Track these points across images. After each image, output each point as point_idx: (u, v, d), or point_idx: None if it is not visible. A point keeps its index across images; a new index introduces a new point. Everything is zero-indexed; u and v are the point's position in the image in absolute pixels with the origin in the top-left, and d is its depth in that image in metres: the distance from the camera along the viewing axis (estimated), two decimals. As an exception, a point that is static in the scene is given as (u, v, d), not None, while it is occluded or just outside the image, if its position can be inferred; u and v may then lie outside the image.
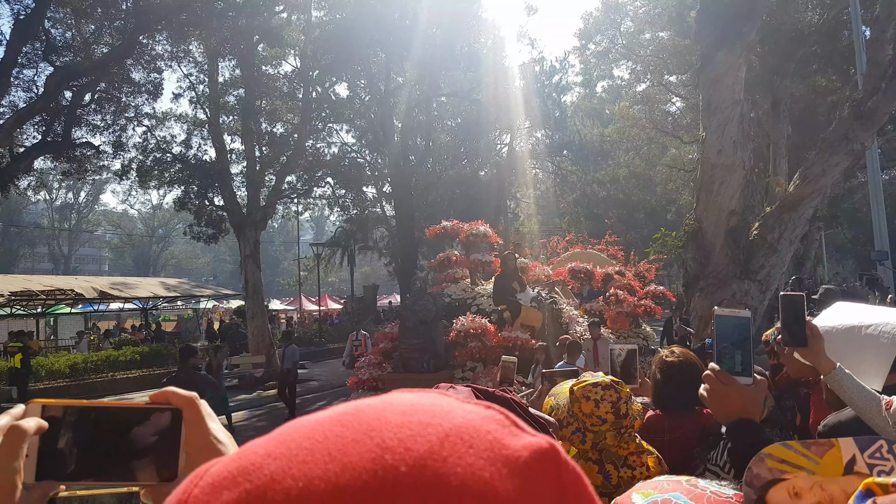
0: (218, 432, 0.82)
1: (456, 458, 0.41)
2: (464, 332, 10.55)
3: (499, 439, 0.44)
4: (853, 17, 17.99)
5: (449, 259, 13.61)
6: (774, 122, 23.37)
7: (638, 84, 36.88)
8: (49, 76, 18.60)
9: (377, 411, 0.46)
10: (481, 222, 13.92)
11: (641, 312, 14.64)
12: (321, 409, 0.50)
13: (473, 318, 10.79)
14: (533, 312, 11.62)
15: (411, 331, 11.01)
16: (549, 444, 0.45)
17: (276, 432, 0.47)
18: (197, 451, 0.80)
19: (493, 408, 0.48)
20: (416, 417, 0.44)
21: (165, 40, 22.76)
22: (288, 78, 29.13)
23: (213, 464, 0.46)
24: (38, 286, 24.96)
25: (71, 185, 64.80)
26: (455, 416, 0.45)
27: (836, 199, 24.91)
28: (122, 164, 24.84)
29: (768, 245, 10.62)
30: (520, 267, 13.11)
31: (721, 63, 11.05)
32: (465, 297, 12.44)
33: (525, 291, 11.96)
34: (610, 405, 2.66)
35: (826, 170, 10.29)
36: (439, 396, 0.49)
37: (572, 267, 15.22)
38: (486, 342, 10.62)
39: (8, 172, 18.33)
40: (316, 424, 0.45)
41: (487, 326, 10.72)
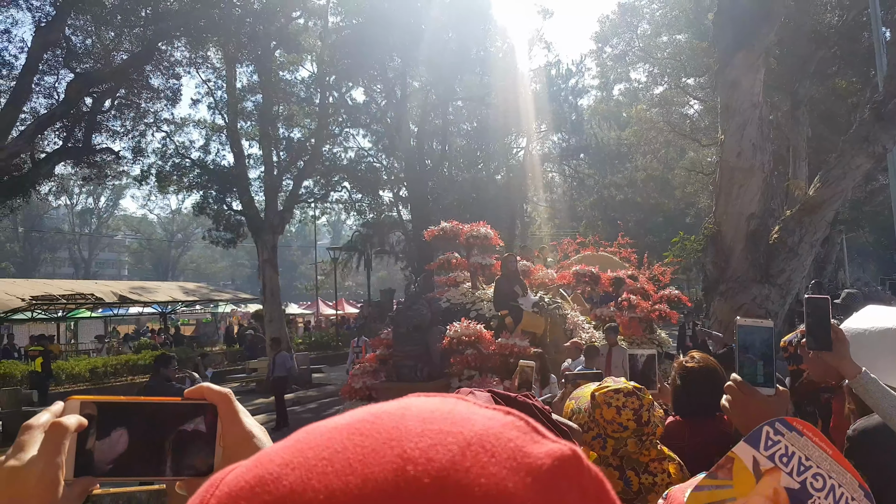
0: (253, 427, 0.83)
1: (479, 468, 0.40)
2: (457, 339, 10.07)
3: (521, 447, 0.43)
4: (873, 18, 17.80)
5: (449, 262, 13.17)
6: (794, 124, 23.19)
7: (655, 87, 36.72)
8: (70, 83, 18.81)
9: (395, 418, 0.45)
10: (483, 223, 13.46)
11: (656, 317, 14.22)
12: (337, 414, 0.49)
13: (468, 324, 10.28)
14: (535, 318, 11.20)
15: (405, 337, 10.54)
16: (572, 450, 0.44)
17: (292, 439, 0.46)
18: (233, 444, 0.80)
19: (513, 413, 0.47)
20: (436, 425, 0.44)
21: (184, 47, 22.92)
22: (305, 83, 29.27)
23: (229, 471, 0.45)
24: (59, 290, 25.18)
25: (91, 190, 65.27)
26: (475, 423, 0.44)
27: (858, 202, 24.68)
28: (141, 170, 25.04)
29: (789, 249, 10.53)
30: (522, 270, 12.77)
31: (739, 65, 10.99)
32: (465, 302, 11.97)
33: (527, 296, 11.59)
34: (632, 412, 2.64)
35: (847, 173, 10.20)
36: (458, 402, 0.48)
37: (577, 270, 14.57)
38: (481, 349, 10.13)
39: (29, 178, 18.52)
40: (333, 432, 0.44)
41: (482, 333, 10.21)
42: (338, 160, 31.08)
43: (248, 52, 24.29)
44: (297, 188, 27.29)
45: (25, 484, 0.71)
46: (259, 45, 24.04)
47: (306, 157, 27.14)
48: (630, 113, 40.99)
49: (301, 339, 29.58)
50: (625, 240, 19.80)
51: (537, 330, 11.06)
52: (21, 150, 17.85)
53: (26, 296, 22.90)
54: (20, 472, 0.72)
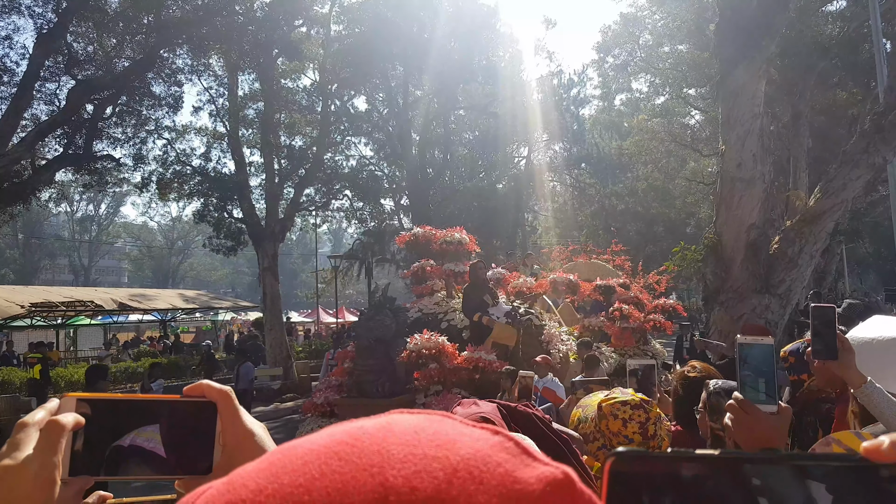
0: (253, 425, 0.81)
1: (466, 497, 0.38)
2: (416, 353, 9.36)
3: (510, 472, 0.40)
4: (874, 29, 17.83)
5: (423, 269, 12.21)
6: (794, 135, 23.21)
7: (657, 97, 36.80)
8: (71, 89, 18.83)
9: (377, 441, 0.42)
10: (459, 228, 12.78)
11: (650, 328, 13.69)
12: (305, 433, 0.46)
13: (429, 336, 9.53)
14: (506, 329, 10.43)
15: (367, 350, 9.83)
16: (564, 473, 0.42)
17: (266, 461, 0.43)
18: (234, 443, 0.79)
19: (501, 433, 0.45)
20: (420, 449, 0.41)
21: (186, 54, 22.98)
22: (307, 91, 29.35)
23: (203, 490, 0.43)
24: (59, 297, 25.16)
25: (91, 197, 65.43)
26: (462, 445, 0.42)
27: (858, 213, 24.66)
28: (142, 177, 25.05)
29: (789, 259, 10.52)
30: (496, 278, 12.30)
31: (740, 76, 11.00)
32: (437, 312, 11.27)
33: (498, 305, 10.81)
34: (638, 426, 2.63)
35: (847, 183, 10.19)
36: (442, 420, 0.46)
37: (554, 278, 13.55)
38: (444, 364, 9.37)
39: (30, 184, 18.52)
40: (310, 455, 0.42)
41: (444, 346, 9.43)
42: (339, 168, 31.12)
43: (251, 59, 24.35)
44: (299, 196, 27.31)
45: (21, 483, 0.70)
46: (261, 53, 24.10)
47: (308, 164, 27.17)
48: (631, 123, 41.09)
49: (301, 348, 29.51)
50: (618, 247, 19.34)
51: (509, 342, 10.41)
52: (21, 156, 17.86)
53: (26, 303, 22.87)
54: (15, 470, 0.70)
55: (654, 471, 0.39)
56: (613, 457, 0.39)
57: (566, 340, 11.51)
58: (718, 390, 2.61)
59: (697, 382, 3.32)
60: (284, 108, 27.46)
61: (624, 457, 0.39)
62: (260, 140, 26.48)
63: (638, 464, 0.39)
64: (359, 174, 31.47)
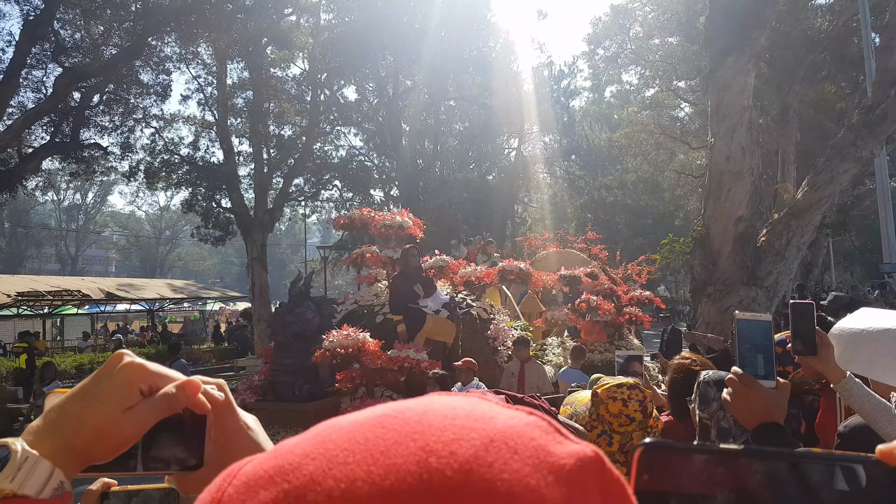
0: (246, 417, 0.81)
1: (501, 463, 0.40)
2: (331, 352, 8.23)
3: (543, 446, 0.43)
4: (863, 23, 17.91)
5: (363, 256, 10.94)
6: (783, 128, 23.30)
7: (646, 89, 36.89)
8: (58, 77, 18.67)
9: (418, 413, 0.44)
10: (406, 212, 11.63)
11: (625, 321, 12.94)
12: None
13: (348, 332, 8.34)
14: (442, 324, 9.42)
15: (284, 348, 8.84)
16: (594, 451, 0.44)
17: (311, 432, 0.45)
18: (227, 436, 0.78)
19: (536, 414, 0.47)
20: (459, 421, 0.43)
21: (174, 42, 22.81)
22: (296, 81, 29.23)
23: (246, 462, 0.45)
24: (45, 287, 25.01)
25: (79, 186, 65.00)
26: (498, 420, 0.44)
27: (845, 206, 24.81)
28: (129, 166, 24.93)
29: (776, 252, 10.58)
30: (438, 266, 11.31)
31: (730, 69, 11.02)
32: (375, 304, 10.26)
33: (433, 296, 9.84)
34: (638, 404, 2.69)
35: (834, 177, 10.24)
36: (479, 401, 0.48)
37: (502, 266, 11.88)
38: (366, 364, 8.35)
39: (16, 173, 18.39)
40: (355, 425, 0.44)
41: (365, 343, 8.31)
42: (329, 158, 31.04)
43: (239, 48, 24.21)
44: (288, 186, 27.24)
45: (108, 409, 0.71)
46: (250, 42, 23.97)
47: (297, 154, 27.09)
48: (621, 115, 41.14)
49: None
50: (593, 235, 18.48)
51: (446, 338, 9.45)
52: (8, 144, 17.73)
53: (12, 292, 22.72)
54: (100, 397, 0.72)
55: (682, 461, 0.39)
56: (643, 447, 0.40)
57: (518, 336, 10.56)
58: (708, 380, 2.64)
59: (693, 374, 3.34)
60: (273, 98, 27.33)
61: (653, 447, 0.40)
62: (249, 129, 26.39)
63: (666, 454, 0.40)
64: (348, 165, 31.42)
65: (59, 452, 0.68)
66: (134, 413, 0.71)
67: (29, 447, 0.66)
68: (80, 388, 0.72)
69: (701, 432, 2.72)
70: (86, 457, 0.70)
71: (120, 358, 0.74)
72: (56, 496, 0.66)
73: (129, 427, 0.71)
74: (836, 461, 0.38)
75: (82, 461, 0.70)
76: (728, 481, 0.38)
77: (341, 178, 30.51)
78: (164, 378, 0.75)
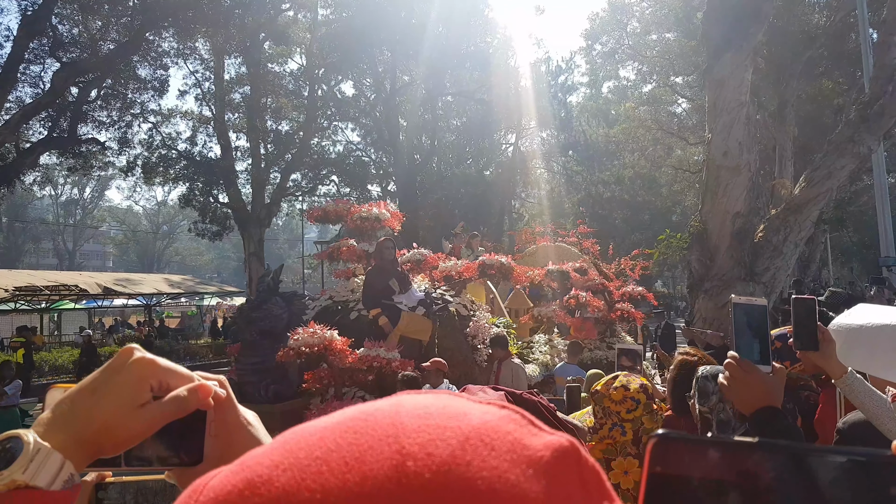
0: (247, 413, 0.81)
1: (480, 461, 0.40)
2: (295, 351, 7.62)
3: (519, 439, 0.42)
4: (860, 19, 17.92)
5: (339, 250, 10.47)
6: (780, 124, 23.32)
7: (644, 85, 36.89)
8: (55, 72, 18.66)
9: (389, 415, 0.43)
10: (384, 204, 11.08)
11: (616, 318, 12.41)
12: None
13: (315, 329, 7.75)
14: (417, 321, 8.94)
15: (250, 347, 8.39)
16: (570, 441, 0.43)
17: (278, 441, 0.44)
18: (228, 432, 0.77)
19: (509, 407, 0.46)
20: (433, 420, 0.42)
21: (172, 37, 22.80)
22: (294, 76, 29.22)
23: (212, 476, 0.44)
24: (43, 281, 24.99)
25: (76, 180, 64.83)
26: (472, 417, 0.43)
27: (842, 202, 24.84)
28: (127, 161, 24.96)
29: (773, 247, 10.60)
30: (415, 260, 10.63)
31: (727, 64, 11.03)
32: (350, 300, 9.61)
33: (408, 292, 9.34)
34: (638, 385, 2.73)
35: (832, 173, 10.27)
36: (450, 397, 0.47)
37: (482, 259, 10.95)
38: (334, 363, 7.79)
39: (14, 167, 18.37)
40: (324, 432, 0.43)
41: (332, 342, 7.73)
42: (326, 153, 31.04)
43: (237, 43, 24.19)
44: (285, 181, 27.25)
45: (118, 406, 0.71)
46: (247, 37, 23.95)
47: (294, 149, 27.10)
48: (618, 110, 41.15)
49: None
50: (585, 228, 17.85)
51: (422, 336, 8.97)
52: (5, 139, 17.71)
53: (9, 287, 22.71)
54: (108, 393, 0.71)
55: (695, 453, 0.39)
56: (656, 438, 0.40)
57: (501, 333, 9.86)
58: (706, 375, 2.67)
59: (693, 368, 3.38)
60: (271, 93, 27.33)
61: (666, 438, 0.40)
62: (246, 124, 26.40)
63: (678, 445, 0.40)
64: (346, 160, 31.42)
65: (69, 445, 0.68)
66: (145, 412, 0.71)
67: (40, 439, 0.67)
68: (91, 381, 0.72)
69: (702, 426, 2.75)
70: (95, 450, 0.70)
71: (130, 353, 0.74)
72: (66, 488, 0.66)
73: (138, 425, 0.71)
74: (850, 455, 0.38)
75: (91, 454, 0.71)
76: (741, 473, 0.38)
77: (338, 173, 30.52)
78: (174, 374, 0.75)
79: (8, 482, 0.63)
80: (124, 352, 0.75)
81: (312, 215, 11.16)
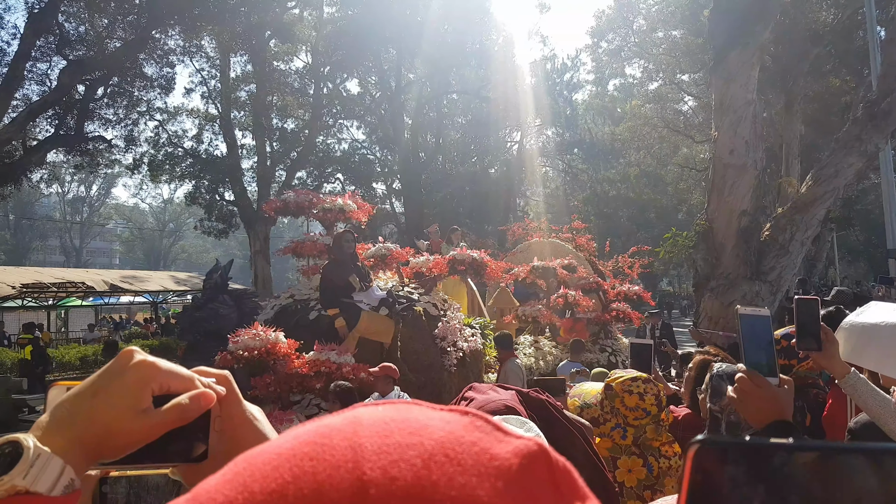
0: (252, 408, 0.79)
1: (447, 480, 0.37)
2: (233, 355, 6.94)
3: (486, 449, 0.40)
4: (868, 17, 17.83)
5: (303, 244, 9.69)
6: (787, 122, 23.25)
7: (650, 82, 36.75)
8: (62, 70, 18.71)
9: (347, 436, 0.40)
10: (351, 195, 10.36)
11: (610, 318, 11.86)
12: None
13: (258, 331, 7.11)
14: (378, 321, 8.21)
15: (194, 349, 7.85)
16: (538, 444, 0.42)
17: (231, 472, 0.41)
18: (234, 428, 0.76)
19: (471, 412, 0.44)
20: (393, 438, 0.40)
21: (178, 35, 22.83)
22: (299, 74, 29.24)
23: None
24: (50, 278, 25.07)
25: (83, 178, 65.10)
26: (434, 429, 0.41)
27: (849, 200, 24.76)
28: (133, 158, 25.03)
29: (780, 246, 10.57)
30: (380, 255, 9.86)
31: (734, 62, 11.00)
32: (311, 299, 8.83)
33: (369, 290, 8.61)
34: (654, 398, 2.74)
35: (839, 171, 10.23)
36: (410, 407, 0.45)
37: (453, 254, 9.98)
38: (278, 369, 7.10)
39: (21, 165, 18.43)
40: (278, 460, 0.40)
41: (276, 345, 7.09)
42: (331, 151, 31.08)
43: (243, 41, 24.23)
44: (291, 179, 27.29)
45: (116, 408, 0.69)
46: (253, 35, 23.99)
47: (300, 147, 27.14)
48: (624, 108, 41.04)
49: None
50: (579, 224, 17.57)
51: (383, 338, 8.19)
52: (12, 137, 17.77)
53: (17, 284, 22.79)
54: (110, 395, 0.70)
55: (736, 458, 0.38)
56: (696, 445, 0.39)
57: (472, 336, 9.20)
58: (721, 373, 2.67)
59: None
60: (277, 91, 27.37)
61: (706, 444, 0.39)
62: (252, 122, 26.45)
63: (719, 451, 0.39)
64: (351, 158, 31.44)
65: (69, 450, 0.66)
66: (146, 418, 0.70)
67: (39, 443, 0.65)
68: (91, 384, 0.71)
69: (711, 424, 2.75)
70: (95, 455, 0.69)
71: (130, 355, 0.72)
72: (66, 493, 0.65)
73: (139, 431, 0.70)
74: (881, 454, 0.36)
75: (91, 459, 0.69)
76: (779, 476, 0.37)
77: (344, 171, 30.55)
78: (175, 377, 0.74)
79: (8, 487, 0.62)
80: (124, 354, 0.73)
81: (271, 207, 10.26)
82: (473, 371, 8.92)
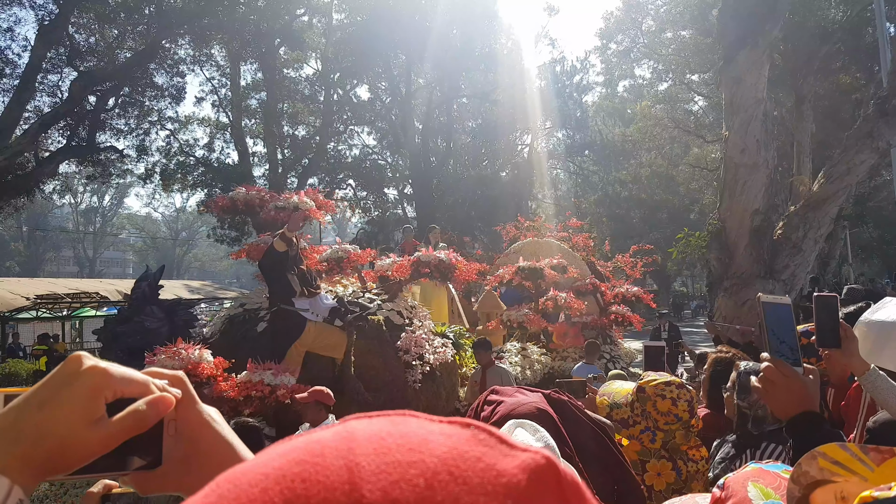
0: (209, 409, 0.74)
1: (452, 500, 0.34)
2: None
3: (492, 465, 0.37)
4: (877, 14, 17.74)
5: (257, 248, 8.79)
6: (798, 120, 23.14)
7: (660, 83, 36.69)
8: (73, 81, 18.86)
9: (341, 454, 0.37)
10: (310, 191, 9.25)
11: (608, 322, 11.16)
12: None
13: (179, 348, 6.45)
14: (327, 333, 7.31)
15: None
16: (545, 458, 0.39)
17: (213, 494, 0.37)
18: (192, 431, 0.71)
19: (473, 424, 0.41)
20: (392, 456, 0.37)
21: (188, 44, 22.98)
22: (309, 81, 29.37)
23: None
24: (64, 289, 25.21)
25: (95, 188, 65.47)
26: (435, 445, 0.38)
27: (862, 197, 24.60)
28: (145, 168, 25.17)
29: (792, 244, 10.53)
30: (333, 258, 8.65)
31: (744, 61, 10.97)
32: (261, 309, 7.78)
33: (316, 298, 7.58)
34: (686, 404, 2.75)
35: (851, 168, 10.18)
36: (406, 420, 0.42)
37: (418, 256, 8.86)
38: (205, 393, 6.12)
39: (33, 176, 18.56)
40: (266, 481, 0.36)
41: (201, 365, 6.37)
42: (342, 158, 31.17)
43: (253, 49, 24.35)
44: (302, 185, 27.31)
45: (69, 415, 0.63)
46: (263, 43, 24.10)
47: (311, 154, 27.23)
48: (634, 109, 40.89)
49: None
50: (576, 222, 16.91)
51: (334, 353, 7.32)
52: (25, 148, 17.90)
53: (31, 295, 22.92)
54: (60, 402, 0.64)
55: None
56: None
57: (440, 347, 8.23)
58: (749, 370, 2.67)
59: (729, 364, 3.36)
60: (287, 98, 27.48)
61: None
62: (263, 130, 26.56)
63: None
64: (362, 163, 31.52)
65: (16, 467, 0.61)
66: (100, 430, 0.64)
67: None
68: (36, 394, 0.65)
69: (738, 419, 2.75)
70: (45, 471, 0.63)
71: (79, 361, 0.66)
72: None
73: (93, 443, 0.64)
74: None
75: (40, 476, 0.63)
76: None
77: (355, 177, 30.63)
78: (129, 383, 0.68)
79: None
80: (72, 360, 0.67)
81: (217, 205, 9.24)
82: (445, 386, 8.14)
